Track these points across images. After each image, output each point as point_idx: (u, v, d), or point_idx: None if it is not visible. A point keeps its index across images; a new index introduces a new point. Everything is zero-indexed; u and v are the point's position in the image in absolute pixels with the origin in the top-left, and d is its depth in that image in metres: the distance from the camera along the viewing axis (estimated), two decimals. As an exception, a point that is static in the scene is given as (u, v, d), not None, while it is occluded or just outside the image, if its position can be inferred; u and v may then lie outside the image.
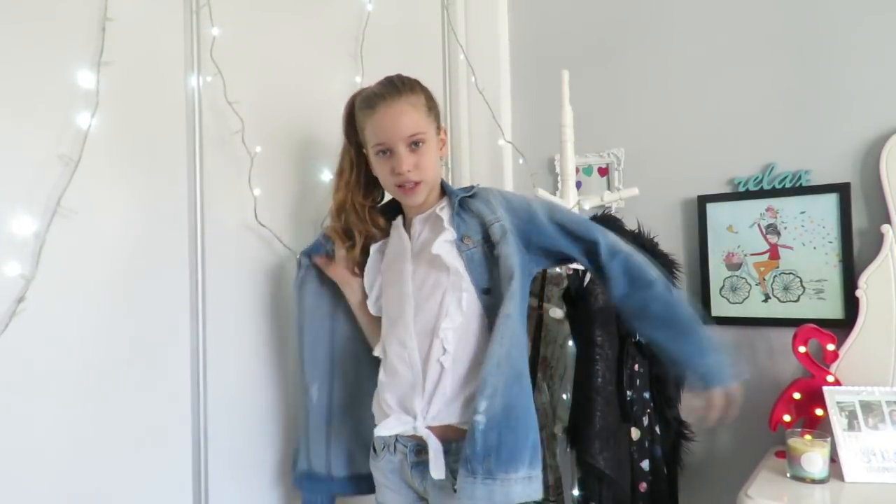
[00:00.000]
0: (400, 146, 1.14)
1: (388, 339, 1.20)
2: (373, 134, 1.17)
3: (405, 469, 1.18)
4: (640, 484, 1.52)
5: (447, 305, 1.14)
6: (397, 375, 1.17)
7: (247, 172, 1.36)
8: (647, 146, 1.86)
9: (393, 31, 1.77)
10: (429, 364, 1.13)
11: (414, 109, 1.15)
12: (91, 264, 1.10)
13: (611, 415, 1.44)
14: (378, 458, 1.23)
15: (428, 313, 1.15)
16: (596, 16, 1.96)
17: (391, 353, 1.18)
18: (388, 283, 1.24)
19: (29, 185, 1.02)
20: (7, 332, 0.98)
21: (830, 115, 1.61)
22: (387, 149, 1.16)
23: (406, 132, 1.14)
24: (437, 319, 1.14)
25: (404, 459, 1.18)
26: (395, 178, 1.16)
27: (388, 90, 1.16)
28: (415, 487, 1.19)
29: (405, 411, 1.15)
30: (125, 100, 1.16)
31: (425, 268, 1.18)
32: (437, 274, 1.16)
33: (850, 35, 1.59)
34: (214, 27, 1.29)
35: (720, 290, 1.74)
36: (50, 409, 1.04)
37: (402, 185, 1.17)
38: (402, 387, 1.16)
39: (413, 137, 1.15)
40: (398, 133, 1.14)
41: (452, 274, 1.14)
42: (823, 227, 1.61)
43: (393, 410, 1.16)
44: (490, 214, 1.15)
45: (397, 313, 1.19)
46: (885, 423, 1.36)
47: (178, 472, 1.22)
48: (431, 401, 1.13)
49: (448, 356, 1.13)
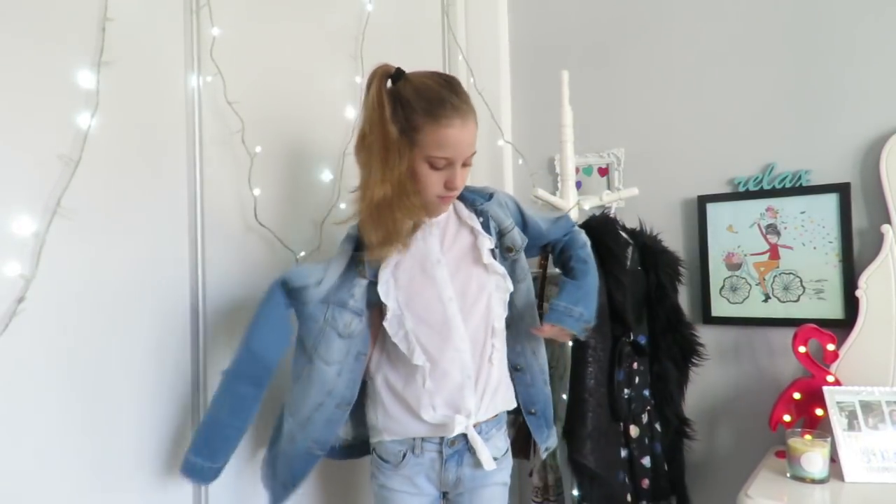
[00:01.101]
0: (459, 162, 1.13)
1: (439, 347, 1.16)
2: (435, 145, 1.09)
3: (436, 466, 1.19)
4: (641, 480, 1.52)
5: (494, 306, 1.21)
6: (447, 379, 1.16)
7: (247, 172, 1.36)
8: (647, 146, 1.86)
9: (393, 32, 1.77)
10: (482, 364, 1.19)
11: (476, 128, 1.14)
12: (91, 264, 1.10)
13: (602, 415, 1.45)
14: (402, 466, 1.20)
15: (477, 316, 1.19)
16: (596, 16, 1.96)
17: (444, 360, 1.16)
18: (417, 292, 1.18)
19: (29, 185, 1.02)
20: (7, 332, 0.98)
21: (830, 115, 1.61)
22: (446, 163, 1.11)
23: (470, 152, 1.13)
24: (489, 321, 1.20)
25: (437, 457, 1.19)
26: (444, 191, 1.14)
27: (462, 104, 1.10)
28: (444, 480, 1.20)
29: (456, 411, 1.16)
30: (125, 100, 1.16)
31: (465, 272, 1.19)
32: (479, 277, 1.20)
33: (850, 35, 1.59)
34: (214, 27, 1.30)
35: (720, 290, 1.74)
36: (50, 408, 1.04)
37: (448, 197, 1.16)
38: (451, 389, 1.17)
39: (470, 155, 1.14)
40: (465, 152, 1.12)
41: (502, 277, 1.21)
42: (823, 227, 1.60)
43: (446, 413, 1.16)
44: (506, 220, 1.24)
45: (441, 320, 1.17)
46: (885, 423, 1.36)
47: (178, 471, 1.22)
48: (483, 398, 1.19)
49: (497, 353, 1.21)
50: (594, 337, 1.45)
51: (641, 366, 1.55)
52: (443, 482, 1.21)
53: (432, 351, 1.17)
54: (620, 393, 1.50)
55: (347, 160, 1.56)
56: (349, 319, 1.17)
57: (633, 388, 1.52)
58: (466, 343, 1.17)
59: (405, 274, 1.19)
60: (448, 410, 1.17)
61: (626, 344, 1.51)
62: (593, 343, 1.45)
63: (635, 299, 1.56)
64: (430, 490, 1.22)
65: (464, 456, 1.19)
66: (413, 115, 1.09)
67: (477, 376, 1.18)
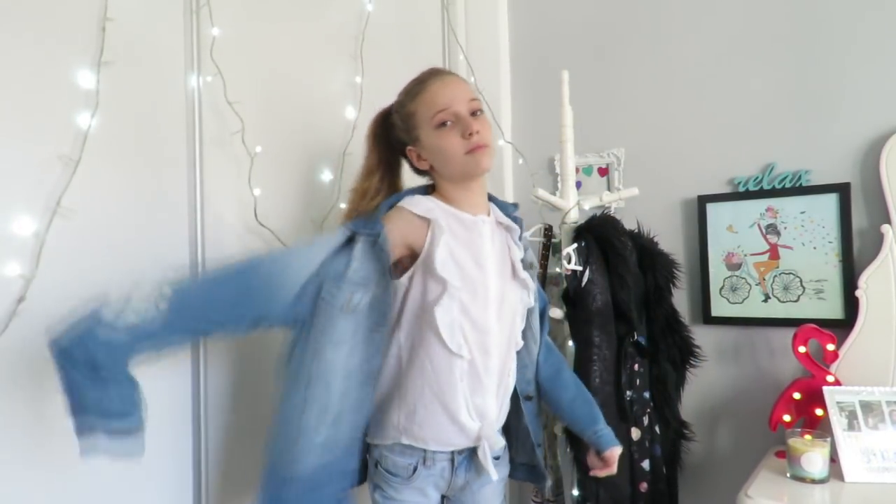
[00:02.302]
0: (463, 110, 1.10)
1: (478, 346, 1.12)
2: (430, 106, 1.11)
3: (446, 474, 1.16)
4: (640, 484, 1.52)
5: (518, 320, 1.20)
6: (480, 384, 1.13)
7: (247, 172, 1.36)
8: (647, 146, 1.86)
9: (393, 32, 1.77)
10: (504, 373, 1.18)
11: (466, 83, 1.17)
12: (91, 264, 1.10)
13: (609, 415, 1.44)
14: (413, 479, 1.13)
15: (509, 326, 1.18)
16: (596, 16, 1.96)
17: (478, 362, 1.12)
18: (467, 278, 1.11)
19: (29, 185, 1.02)
20: (7, 332, 0.98)
21: (830, 115, 1.61)
22: (449, 116, 1.09)
23: (467, 96, 1.12)
24: (513, 332, 1.19)
25: (448, 465, 1.15)
26: (467, 142, 1.09)
27: (436, 70, 1.17)
28: (453, 486, 1.18)
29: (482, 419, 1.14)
30: (125, 100, 1.16)
31: (502, 278, 1.17)
32: (513, 283, 1.19)
33: (851, 35, 1.59)
34: (215, 27, 1.30)
35: (720, 290, 1.74)
36: (50, 408, 1.04)
37: (477, 146, 1.09)
38: (482, 395, 1.13)
39: (473, 104, 1.12)
40: (460, 95, 1.12)
41: (528, 292, 1.21)
42: (823, 227, 1.60)
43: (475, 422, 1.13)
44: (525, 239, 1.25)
45: (480, 316, 1.12)
46: (885, 423, 1.36)
47: (178, 471, 1.22)
48: (501, 408, 1.19)
49: (513, 366, 1.21)
50: (599, 336, 1.45)
51: (641, 367, 1.55)
52: (451, 487, 1.19)
53: (473, 348, 1.11)
54: (623, 394, 1.49)
55: (347, 160, 1.56)
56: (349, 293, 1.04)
57: (634, 390, 1.52)
58: (497, 349, 1.14)
59: (461, 258, 1.11)
60: (479, 419, 1.13)
61: (629, 344, 1.51)
62: (598, 341, 1.45)
63: (636, 300, 1.56)
64: (436, 496, 1.20)
65: (471, 460, 1.18)
66: (403, 108, 1.15)
67: (498, 386, 1.17)
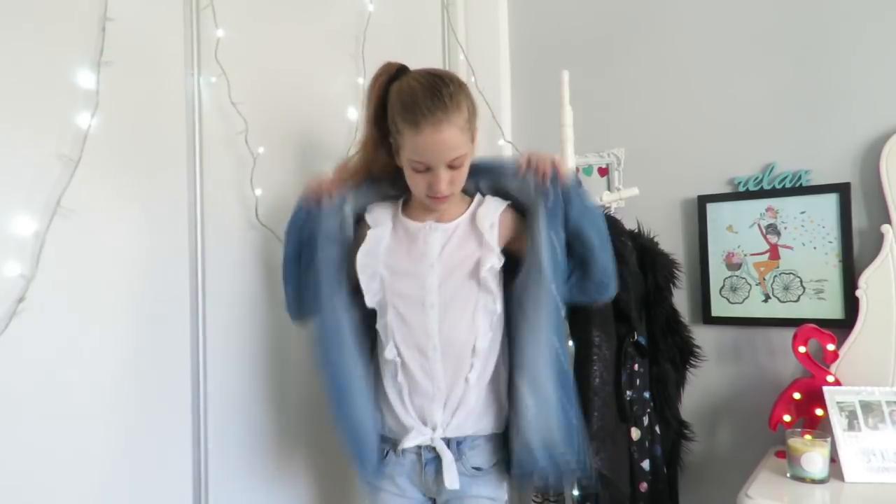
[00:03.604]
0: (440, 168, 1.10)
1: (404, 344, 1.16)
2: (412, 150, 1.09)
3: (416, 468, 1.17)
4: (640, 484, 1.52)
5: (479, 323, 1.16)
6: (416, 384, 1.15)
7: (249, 173, 1.36)
8: (647, 146, 1.86)
9: (394, 32, 1.77)
10: (456, 380, 1.14)
11: (459, 132, 1.08)
12: (91, 264, 1.10)
13: (609, 415, 1.44)
14: (385, 463, 1.19)
15: (458, 329, 1.15)
16: (596, 16, 1.96)
17: (410, 360, 1.15)
18: (401, 283, 1.17)
19: (29, 185, 1.02)
20: (7, 332, 0.98)
21: (830, 115, 1.61)
22: (424, 168, 1.10)
23: (449, 157, 1.09)
24: (468, 337, 1.15)
25: (416, 460, 1.17)
26: (430, 192, 1.12)
27: (435, 106, 1.06)
28: (426, 484, 1.18)
29: (423, 423, 1.15)
30: (125, 100, 1.16)
31: (456, 282, 1.15)
32: (471, 290, 1.15)
33: (851, 35, 1.59)
34: (219, 28, 1.30)
35: (720, 290, 1.74)
36: (50, 408, 1.04)
37: (436, 198, 1.13)
38: (421, 397, 1.15)
39: (455, 161, 1.10)
40: (441, 158, 1.09)
41: (492, 298, 1.16)
42: (823, 227, 1.60)
43: (414, 422, 1.15)
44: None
45: (417, 321, 1.15)
46: (885, 423, 1.36)
47: (178, 471, 1.22)
48: (454, 414, 1.15)
49: (474, 372, 1.15)
50: (599, 335, 1.44)
51: (641, 367, 1.55)
52: (426, 487, 1.19)
53: (405, 352, 1.15)
54: (623, 394, 1.49)
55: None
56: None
57: (634, 390, 1.52)
58: (436, 352, 1.14)
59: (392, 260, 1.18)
60: (418, 419, 1.15)
61: (630, 344, 1.51)
62: (598, 341, 1.45)
63: (636, 300, 1.56)
64: (414, 493, 1.20)
65: (440, 465, 1.15)
66: (395, 117, 1.11)
67: (449, 392, 1.15)
